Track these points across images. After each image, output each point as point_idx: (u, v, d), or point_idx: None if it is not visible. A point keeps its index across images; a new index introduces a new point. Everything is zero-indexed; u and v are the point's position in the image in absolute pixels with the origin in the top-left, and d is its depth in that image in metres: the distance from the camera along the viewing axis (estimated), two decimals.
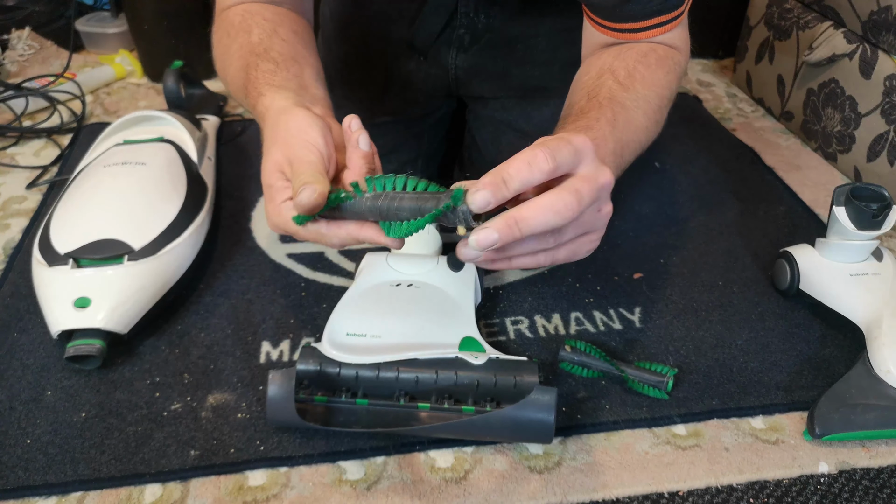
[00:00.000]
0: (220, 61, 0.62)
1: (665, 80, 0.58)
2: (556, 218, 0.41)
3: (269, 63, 0.56)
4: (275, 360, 0.67)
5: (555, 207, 0.41)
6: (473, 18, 0.70)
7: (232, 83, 0.60)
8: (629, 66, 0.57)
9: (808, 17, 1.06)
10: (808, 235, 0.77)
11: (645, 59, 0.57)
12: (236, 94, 0.60)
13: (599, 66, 0.58)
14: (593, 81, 0.57)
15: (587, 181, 0.42)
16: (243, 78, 0.56)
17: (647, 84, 0.57)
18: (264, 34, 0.58)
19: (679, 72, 0.60)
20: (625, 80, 0.56)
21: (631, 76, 0.56)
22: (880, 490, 0.57)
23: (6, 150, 1.01)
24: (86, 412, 0.61)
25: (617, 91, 0.55)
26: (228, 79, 0.60)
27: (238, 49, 0.58)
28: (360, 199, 0.43)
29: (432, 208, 0.40)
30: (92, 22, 1.32)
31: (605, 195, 0.45)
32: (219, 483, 0.56)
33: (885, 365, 0.61)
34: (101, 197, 0.73)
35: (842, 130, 1.00)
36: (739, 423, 0.62)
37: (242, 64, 0.57)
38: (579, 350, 0.65)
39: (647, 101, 0.56)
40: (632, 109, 0.55)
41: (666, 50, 0.59)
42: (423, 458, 0.58)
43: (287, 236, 0.84)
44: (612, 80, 0.56)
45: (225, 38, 0.60)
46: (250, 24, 0.59)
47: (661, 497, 0.56)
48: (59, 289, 0.65)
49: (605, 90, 0.55)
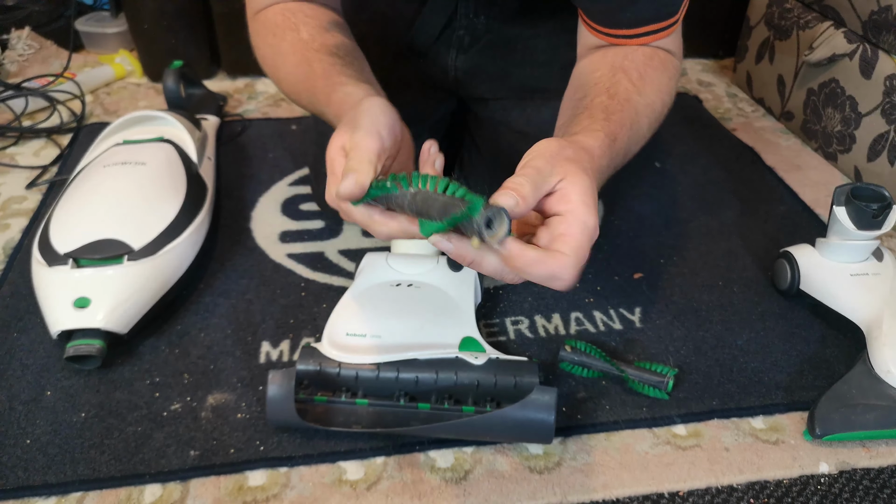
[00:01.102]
0: (269, 60, 0.61)
1: (668, 86, 0.58)
2: (549, 278, 0.42)
3: (331, 57, 0.56)
4: (275, 361, 0.67)
5: (551, 271, 0.41)
6: (473, 20, 0.70)
7: (287, 80, 0.59)
8: (640, 68, 0.57)
9: (809, 17, 1.06)
10: (808, 235, 0.77)
11: (651, 61, 0.58)
12: (294, 89, 0.59)
13: (610, 63, 0.58)
14: (608, 79, 0.56)
15: (581, 249, 0.42)
16: (305, 73, 0.56)
17: (655, 88, 0.57)
18: (314, 31, 0.58)
19: (677, 77, 0.60)
20: (637, 82, 0.56)
21: (642, 78, 0.56)
22: (881, 490, 0.57)
23: (6, 150, 1.01)
24: (85, 412, 0.61)
25: (633, 94, 0.55)
26: (282, 75, 0.59)
27: (290, 46, 0.58)
28: (402, 192, 0.44)
29: (453, 213, 0.42)
30: (91, 22, 1.32)
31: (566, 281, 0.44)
32: (219, 483, 0.56)
33: (886, 365, 0.61)
34: (101, 197, 0.73)
35: (842, 130, 1.00)
36: (740, 424, 0.62)
37: (299, 60, 0.57)
38: (579, 350, 0.65)
39: (653, 108, 0.56)
40: (643, 117, 0.55)
41: (665, 54, 0.59)
42: (423, 459, 0.58)
43: (287, 237, 0.84)
44: (626, 81, 0.56)
45: (270, 38, 0.60)
46: (296, 23, 0.59)
47: (661, 497, 0.56)
48: (59, 289, 0.65)
49: (623, 91, 0.55)
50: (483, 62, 0.73)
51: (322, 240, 0.84)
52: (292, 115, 1.12)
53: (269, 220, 0.87)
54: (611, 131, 0.51)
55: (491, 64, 0.73)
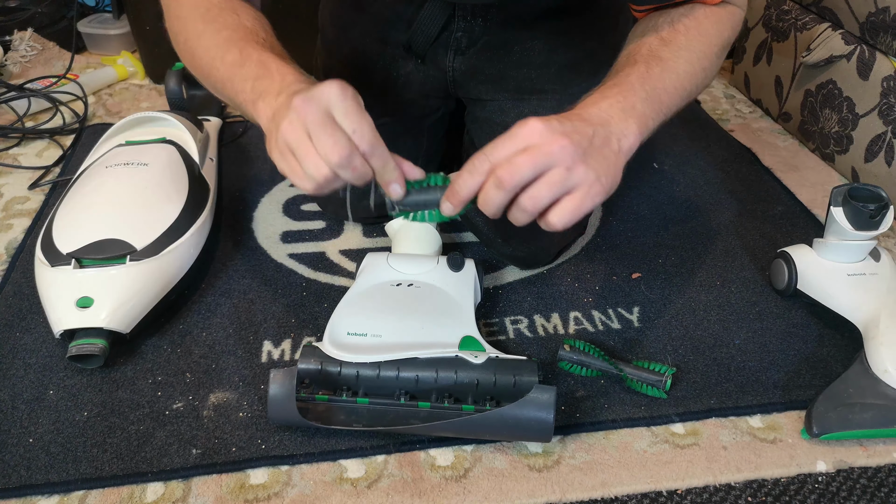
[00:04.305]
0: (191, 29, 0.59)
1: (714, 30, 0.59)
2: (528, 151, 0.47)
3: (273, 50, 0.56)
4: (276, 360, 0.67)
5: (516, 139, 0.48)
6: (470, 22, 0.70)
7: (209, 53, 0.57)
8: (674, 19, 0.58)
9: (806, 19, 1.06)
10: (805, 236, 0.77)
11: (692, 13, 0.59)
12: (212, 63, 0.57)
13: (644, 27, 0.60)
14: (636, 42, 0.59)
15: (528, 152, 0.47)
16: (235, 53, 0.55)
17: (693, 35, 0.58)
18: (255, 23, 0.58)
19: (732, 22, 0.61)
20: (667, 35, 0.57)
21: (675, 30, 0.57)
22: (878, 489, 0.57)
23: (9, 151, 1.02)
24: (88, 411, 0.61)
25: (656, 46, 0.57)
26: (204, 42, 0.58)
27: (223, 25, 0.57)
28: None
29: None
30: (94, 23, 1.32)
31: (562, 156, 0.47)
32: (220, 481, 0.56)
33: (883, 364, 0.61)
34: (104, 197, 0.73)
35: (839, 131, 1.00)
36: (737, 422, 0.62)
37: (238, 37, 0.56)
38: (578, 349, 0.65)
39: (692, 50, 0.57)
40: (670, 59, 0.56)
41: (713, 8, 0.59)
42: (424, 457, 0.58)
43: (289, 237, 0.84)
44: (653, 37, 0.57)
45: (203, 9, 0.58)
46: (234, 8, 0.58)
47: (659, 495, 0.56)
48: (62, 288, 0.65)
49: (646, 48, 0.57)
50: (480, 64, 0.73)
51: (323, 240, 0.84)
52: None
53: (271, 220, 0.88)
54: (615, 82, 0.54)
55: (488, 66, 0.73)
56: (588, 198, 0.48)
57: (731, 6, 0.60)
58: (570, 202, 0.48)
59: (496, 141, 0.48)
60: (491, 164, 0.48)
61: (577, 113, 0.51)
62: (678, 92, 0.56)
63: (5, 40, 1.29)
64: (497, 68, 0.73)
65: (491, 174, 0.48)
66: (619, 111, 0.52)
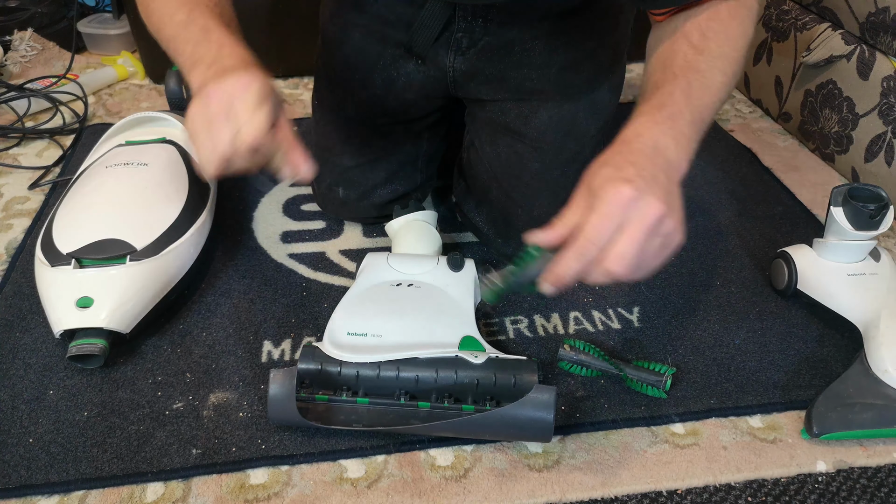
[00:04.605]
0: None
1: (740, 30, 0.58)
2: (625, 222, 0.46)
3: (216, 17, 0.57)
4: (276, 360, 0.67)
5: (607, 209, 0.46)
6: (471, 22, 0.70)
7: (166, 4, 0.59)
8: (702, 25, 0.57)
9: (806, 19, 1.06)
10: (805, 236, 0.77)
11: (717, 13, 0.58)
12: (169, 14, 0.58)
13: (672, 29, 0.59)
14: (668, 49, 0.58)
15: (629, 234, 0.46)
16: (191, 11, 0.57)
17: (722, 40, 0.57)
18: None
19: (753, 17, 0.60)
20: (699, 42, 0.57)
21: (705, 36, 0.57)
22: (878, 489, 0.57)
23: (9, 151, 1.02)
24: (88, 411, 0.61)
25: (692, 56, 0.56)
26: (154, 6, 0.59)
27: None
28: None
29: None
30: (94, 23, 1.32)
31: (658, 227, 0.47)
32: (220, 481, 0.56)
33: (883, 364, 0.61)
34: (104, 197, 0.73)
35: (839, 131, 1.00)
36: (737, 422, 0.62)
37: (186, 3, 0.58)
38: (578, 349, 0.65)
39: (724, 57, 0.57)
40: (707, 71, 0.55)
41: (735, 2, 0.59)
42: (424, 457, 0.58)
43: (289, 237, 0.84)
44: (686, 45, 0.57)
45: None
46: None
47: (659, 495, 0.56)
48: (62, 289, 0.65)
49: (680, 57, 0.56)
50: (481, 64, 0.73)
51: (323, 240, 0.84)
52: (293, 117, 1.13)
53: (271, 220, 0.88)
54: (661, 103, 0.53)
55: (488, 66, 0.73)
56: (676, 244, 0.49)
57: (744, 3, 0.60)
58: (660, 261, 0.49)
59: (594, 219, 0.47)
60: (597, 248, 0.47)
61: (638, 149, 0.50)
62: (714, 106, 0.56)
63: (5, 40, 1.29)
64: (497, 69, 0.73)
65: (598, 263, 0.47)
66: (672, 140, 0.52)
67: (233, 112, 0.51)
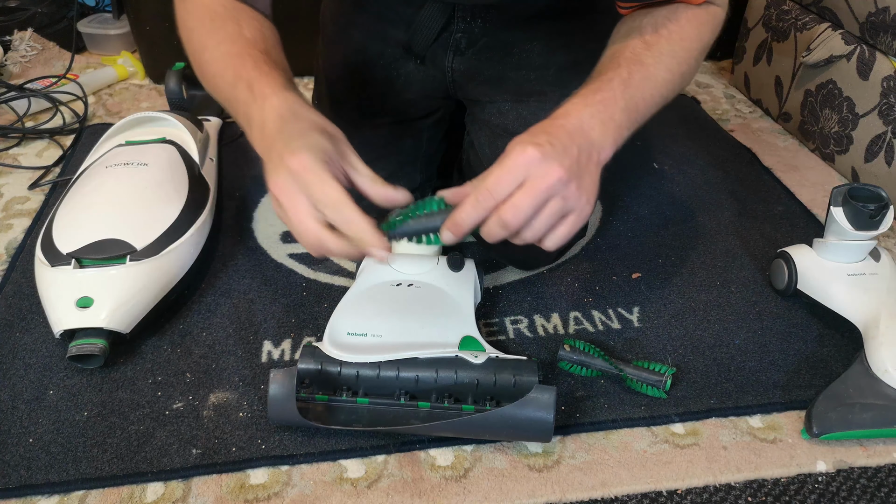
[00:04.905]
0: (197, 41, 0.60)
1: (695, 34, 0.60)
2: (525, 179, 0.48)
3: (264, 56, 0.56)
4: (276, 360, 0.67)
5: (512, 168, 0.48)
6: (470, 23, 0.70)
7: (212, 64, 0.58)
8: (658, 23, 0.59)
9: (806, 19, 1.06)
10: (805, 236, 0.77)
11: (676, 15, 0.59)
12: (217, 75, 0.58)
13: (629, 26, 0.60)
14: (621, 42, 0.59)
15: (528, 189, 0.48)
16: (237, 67, 0.56)
17: (675, 40, 0.58)
18: (256, 32, 0.58)
19: (713, 24, 0.61)
20: (650, 38, 0.58)
21: (657, 33, 0.58)
22: (878, 489, 0.57)
23: (9, 151, 1.02)
24: (88, 411, 0.61)
25: (640, 50, 0.57)
26: (207, 57, 0.59)
27: (227, 36, 0.57)
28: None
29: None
30: (94, 23, 1.32)
31: (558, 188, 0.49)
32: (220, 481, 0.56)
33: (883, 364, 0.61)
34: (104, 197, 0.73)
35: (839, 131, 1.00)
36: (737, 422, 0.62)
37: (235, 51, 0.57)
38: (578, 349, 0.65)
39: (673, 55, 0.58)
40: (652, 66, 0.56)
41: (694, 10, 0.59)
42: (424, 457, 0.58)
43: (289, 237, 0.84)
44: (637, 39, 0.58)
45: (208, 22, 0.59)
46: (237, 18, 0.58)
47: (659, 495, 0.56)
48: (62, 289, 0.65)
49: (629, 50, 0.57)
50: (479, 65, 0.73)
51: None
52: None
53: (271, 220, 0.88)
54: (598, 87, 0.54)
55: (487, 67, 0.73)
56: (580, 220, 0.51)
57: (713, 7, 0.61)
58: (565, 228, 0.51)
59: (496, 172, 0.49)
60: (495, 200, 0.49)
61: (560, 124, 0.52)
62: (654, 100, 0.57)
63: (5, 40, 1.29)
64: (496, 69, 0.73)
65: (494, 212, 0.49)
66: (600, 123, 0.53)
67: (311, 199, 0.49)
